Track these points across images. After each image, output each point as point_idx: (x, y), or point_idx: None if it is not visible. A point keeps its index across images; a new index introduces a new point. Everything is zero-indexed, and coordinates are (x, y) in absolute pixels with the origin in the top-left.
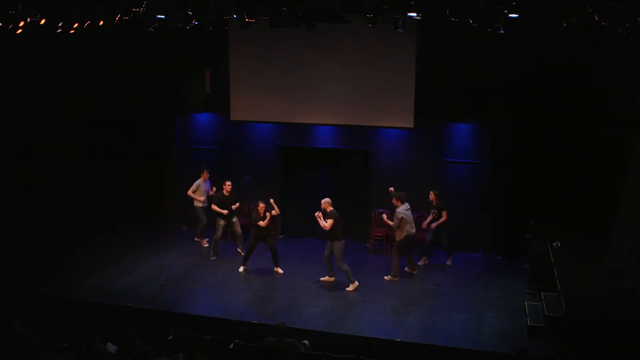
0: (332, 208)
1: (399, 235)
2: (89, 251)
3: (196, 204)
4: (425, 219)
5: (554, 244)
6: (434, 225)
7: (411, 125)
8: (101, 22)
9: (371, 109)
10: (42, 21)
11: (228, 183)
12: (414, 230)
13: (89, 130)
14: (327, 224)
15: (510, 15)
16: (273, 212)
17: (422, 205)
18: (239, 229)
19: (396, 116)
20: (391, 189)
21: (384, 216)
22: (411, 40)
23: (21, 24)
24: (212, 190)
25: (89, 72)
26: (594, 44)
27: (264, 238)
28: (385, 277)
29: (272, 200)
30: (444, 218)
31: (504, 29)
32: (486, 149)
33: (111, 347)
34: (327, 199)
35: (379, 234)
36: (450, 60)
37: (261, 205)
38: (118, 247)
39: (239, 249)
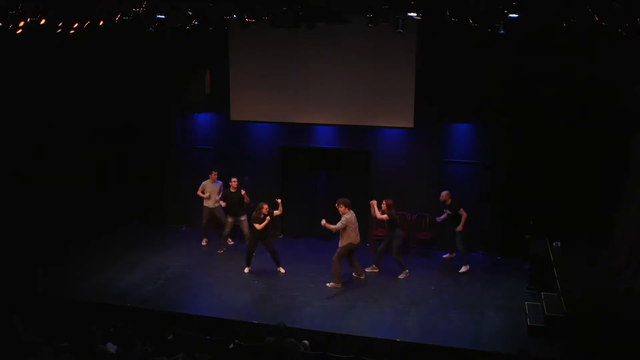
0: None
1: (342, 242)
2: (89, 251)
3: (205, 203)
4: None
5: (554, 244)
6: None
7: (411, 125)
8: (101, 22)
9: (371, 109)
10: (42, 21)
11: (234, 180)
12: (358, 239)
13: (89, 130)
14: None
15: (510, 15)
16: (276, 212)
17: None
18: (246, 229)
19: (396, 116)
20: (323, 221)
21: (323, 221)
22: (411, 40)
23: (21, 24)
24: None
25: (88, 72)
26: (594, 44)
27: (262, 239)
28: (327, 285)
29: (279, 200)
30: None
31: (504, 29)
32: (486, 149)
33: (111, 347)
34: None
35: (379, 234)
36: (450, 60)
37: (265, 207)
38: (118, 247)
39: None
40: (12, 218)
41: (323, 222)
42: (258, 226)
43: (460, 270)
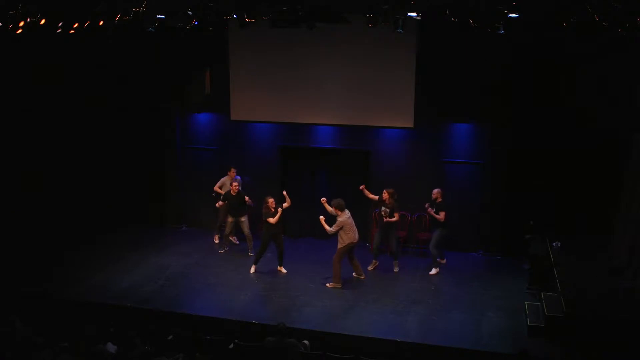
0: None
1: (341, 243)
2: (89, 251)
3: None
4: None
5: (554, 244)
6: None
7: (411, 125)
8: (101, 22)
9: (371, 109)
10: (42, 21)
11: (235, 184)
12: (357, 237)
13: (89, 130)
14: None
15: (510, 15)
16: (284, 205)
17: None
18: (247, 230)
19: (396, 116)
20: (323, 199)
21: (322, 218)
22: (411, 40)
23: (21, 24)
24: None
25: (88, 72)
26: (594, 44)
27: (275, 235)
28: (327, 285)
29: (284, 192)
30: (395, 218)
31: (504, 29)
32: (486, 149)
33: (111, 347)
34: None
35: None
36: (450, 60)
37: (271, 200)
38: (118, 247)
39: (250, 253)
40: (13, 218)
41: (321, 218)
42: (272, 220)
43: (430, 272)
